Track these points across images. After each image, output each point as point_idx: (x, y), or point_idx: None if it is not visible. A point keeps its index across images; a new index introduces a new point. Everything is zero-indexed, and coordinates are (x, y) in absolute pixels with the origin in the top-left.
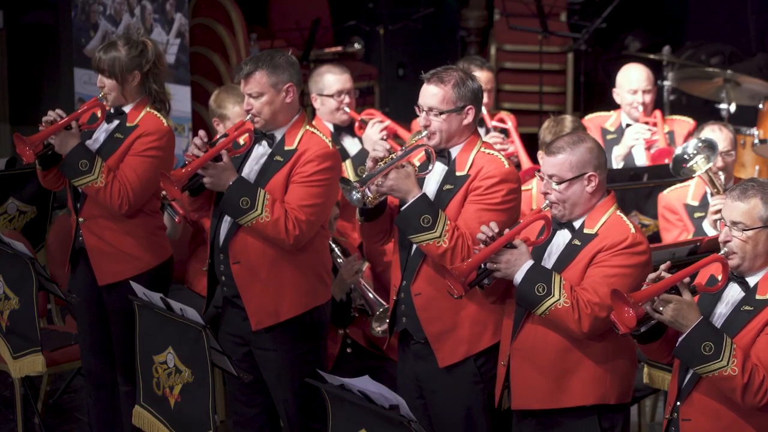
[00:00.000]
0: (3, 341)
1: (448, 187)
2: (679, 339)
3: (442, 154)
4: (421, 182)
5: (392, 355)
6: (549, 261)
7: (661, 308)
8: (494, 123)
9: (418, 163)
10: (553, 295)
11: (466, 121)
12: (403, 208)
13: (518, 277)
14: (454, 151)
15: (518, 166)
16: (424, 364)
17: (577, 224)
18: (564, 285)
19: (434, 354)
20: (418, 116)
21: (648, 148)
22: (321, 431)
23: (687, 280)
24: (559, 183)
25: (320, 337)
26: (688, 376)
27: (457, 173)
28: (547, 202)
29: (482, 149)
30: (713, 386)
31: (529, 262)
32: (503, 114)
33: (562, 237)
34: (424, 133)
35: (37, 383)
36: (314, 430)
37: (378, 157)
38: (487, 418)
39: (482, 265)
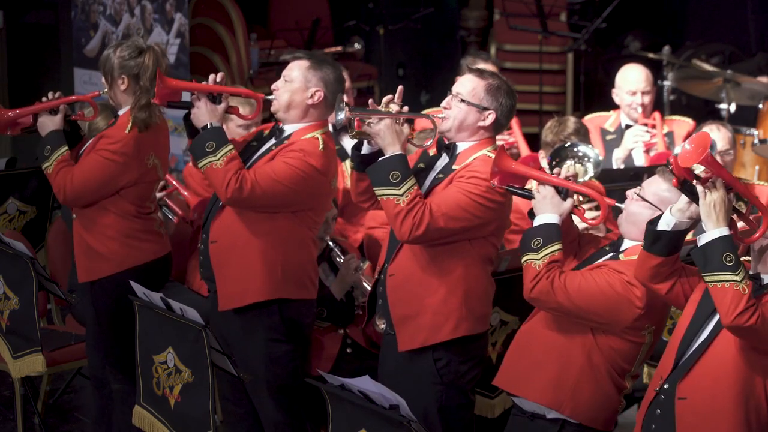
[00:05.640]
0: (3, 341)
1: (440, 176)
2: (700, 239)
3: (449, 147)
4: (426, 172)
5: None
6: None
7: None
8: None
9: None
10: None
11: (481, 123)
12: (380, 159)
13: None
14: (460, 147)
15: (518, 156)
16: (388, 353)
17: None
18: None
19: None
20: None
21: (647, 151)
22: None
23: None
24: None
25: (296, 340)
26: (689, 353)
27: (454, 166)
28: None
29: (488, 153)
30: (712, 366)
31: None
32: None
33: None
34: (441, 115)
35: (37, 383)
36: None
37: (387, 101)
38: (441, 420)
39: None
